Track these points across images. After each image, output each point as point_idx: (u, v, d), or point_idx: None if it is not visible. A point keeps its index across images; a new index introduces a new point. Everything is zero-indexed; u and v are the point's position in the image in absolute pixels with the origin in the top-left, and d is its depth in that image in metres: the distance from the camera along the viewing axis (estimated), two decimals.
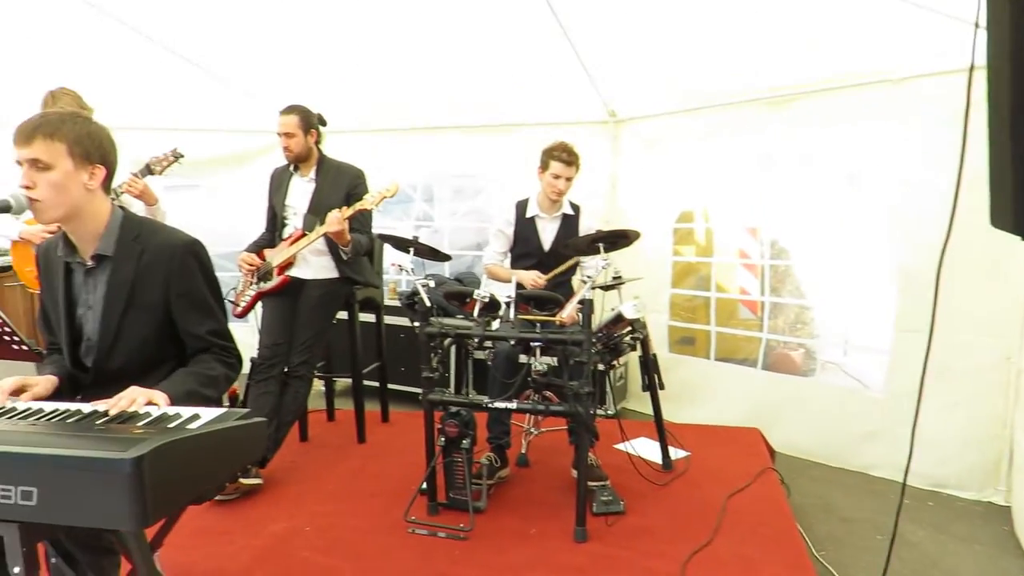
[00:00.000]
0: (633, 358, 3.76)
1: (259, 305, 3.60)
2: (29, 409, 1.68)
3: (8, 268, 4.86)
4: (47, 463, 1.31)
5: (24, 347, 2.49)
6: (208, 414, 1.60)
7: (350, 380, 3.88)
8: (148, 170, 3.39)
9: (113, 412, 1.62)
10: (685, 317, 4.74)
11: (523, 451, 3.59)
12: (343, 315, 3.74)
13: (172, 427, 1.53)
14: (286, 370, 3.44)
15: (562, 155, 3.46)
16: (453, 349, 3.80)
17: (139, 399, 1.67)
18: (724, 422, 4.12)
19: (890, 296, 3.65)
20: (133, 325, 1.94)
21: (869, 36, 3.31)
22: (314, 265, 3.53)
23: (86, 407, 1.67)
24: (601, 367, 3.20)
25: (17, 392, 1.77)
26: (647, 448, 3.54)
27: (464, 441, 2.93)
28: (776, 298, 4.41)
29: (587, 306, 2.70)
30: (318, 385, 3.90)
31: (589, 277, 2.89)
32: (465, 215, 5.68)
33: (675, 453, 3.54)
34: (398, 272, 3.09)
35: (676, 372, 4.35)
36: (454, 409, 2.95)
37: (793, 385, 4.22)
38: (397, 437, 3.97)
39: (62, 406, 1.70)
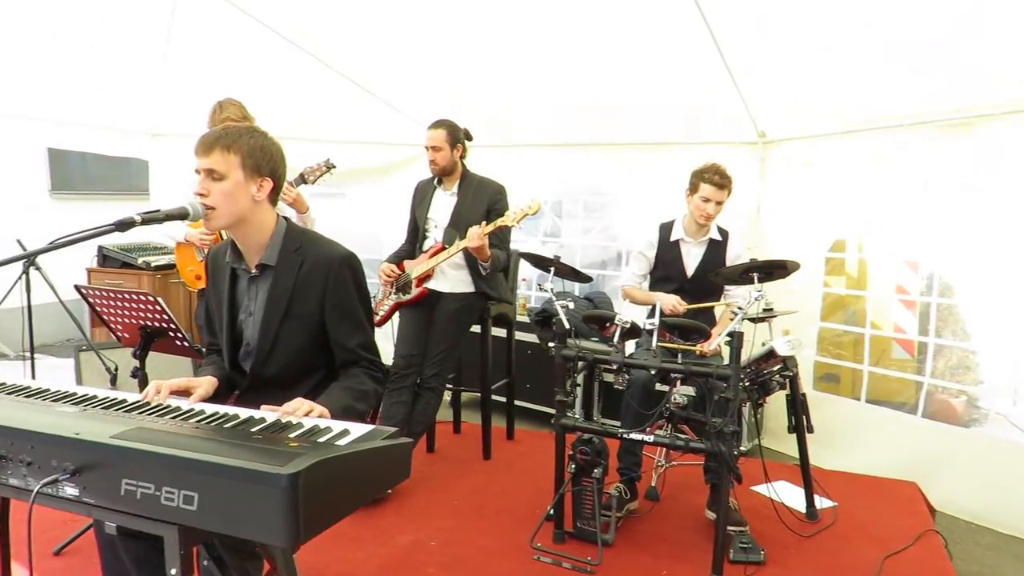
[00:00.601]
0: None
1: (396, 315, 3.66)
2: (192, 410, 1.73)
3: (172, 266, 5.25)
4: (208, 470, 1.31)
5: (185, 343, 2.63)
6: (357, 430, 1.58)
7: (477, 394, 3.87)
8: (302, 179, 3.53)
9: (277, 418, 1.65)
10: (832, 353, 4.41)
11: (653, 484, 3.43)
12: (475, 329, 3.74)
13: (323, 441, 1.52)
14: (419, 381, 3.47)
15: (714, 177, 3.29)
16: None
17: (300, 410, 1.69)
18: (873, 471, 3.77)
19: None
20: (290, 333, 1.99)
21: None
22: (451, 279, 3.55)
23: (243, 412, 1.70)
24: (748, 405, 3.01)
25: (180, 393, 1.84)
26: (789, 494, 3.29)
27: (596, 470, 2.82)
28: (938, 339, 4.01)
29: (737, 339, 2.53)
30: (445, 396, 3.92)
31: (740, 308, 2.71)
32: (597, 233, 5.58)
33: (820, 502, 3.27)
34: (527, 288, 3.04)
35: (818, 411, 3.96)
36: (587, 436, 2.86)
37: (954, 436, 3.78)
38: (522, 456, 3.91)
39: (221, 409, 1.74)
